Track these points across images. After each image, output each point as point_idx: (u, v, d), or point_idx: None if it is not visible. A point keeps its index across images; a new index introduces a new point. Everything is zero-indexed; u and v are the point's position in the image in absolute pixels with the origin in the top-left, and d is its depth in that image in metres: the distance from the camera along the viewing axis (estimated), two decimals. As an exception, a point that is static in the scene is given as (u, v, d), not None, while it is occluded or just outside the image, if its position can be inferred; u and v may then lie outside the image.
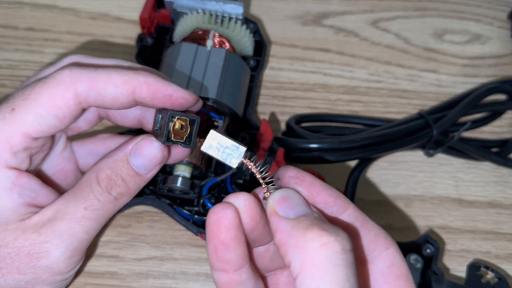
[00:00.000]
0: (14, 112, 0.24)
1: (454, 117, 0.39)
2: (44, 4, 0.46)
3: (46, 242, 0.25)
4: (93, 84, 0.25)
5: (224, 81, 0.36)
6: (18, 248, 0.25)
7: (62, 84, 0.25)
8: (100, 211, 0.27)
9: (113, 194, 0.27)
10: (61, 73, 0.25)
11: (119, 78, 0.25)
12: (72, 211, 0.26)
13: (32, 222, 0.26)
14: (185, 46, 0.37)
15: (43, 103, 0.25)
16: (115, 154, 0.27)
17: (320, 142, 0.36)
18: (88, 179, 0.27)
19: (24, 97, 0.25)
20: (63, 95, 0.25)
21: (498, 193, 0.40)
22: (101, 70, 0.26)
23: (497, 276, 0.33)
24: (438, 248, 0.34)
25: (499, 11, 0.49)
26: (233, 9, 0.40)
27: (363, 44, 0.46)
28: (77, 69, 0.25)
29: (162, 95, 0.26)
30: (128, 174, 0.27)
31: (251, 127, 0.37)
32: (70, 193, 0.27)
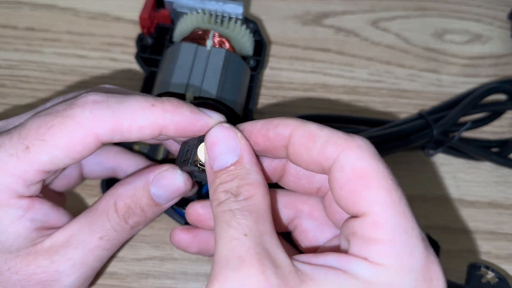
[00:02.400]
0: (28, 151, 0.23)
1: (454, 117, 0.39)
2: (44, 4, 0.46)
3: (59, 271, 0.25)
4: (117, 127, 0.24)
5: (224, 81, 0.36)
6: (30, 275, 0.25)
7: (82, 127, 0.23)
8: (115, 241, 0.26)
9: (130, 223, 0.26)
10: (81, 114, 0.23)
11: (145, 120, 0.24)
12: (86, 239, 0.25)
13: (45, 247, 0.25)
14: (184, 46, 0.37)
15: (60, 147, 0.23)
16: (135, 182, 0.26)
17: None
18: (105, 206, 0.26)
19: (39, 137, 0.23)
20: (83, 140, 0.24)
21: (499, 193, 0.40)
22: (126, 107, 0.24)
23: (497, 276, 0.33)
24: (439, 247, 0.34)
25: (499, 11, 0.49)
26: (233, 9, 0.40)
27: (363, 44, 0.46)
28: (99, 108, 0.23)
29: (191, 132, 0.25)
30: (148, 204, 0.27)
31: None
32: (85, 217, 0.26)
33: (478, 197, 0.40)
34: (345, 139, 0.22)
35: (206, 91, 0.35)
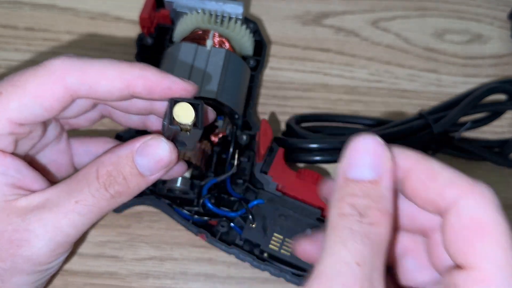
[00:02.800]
0: (1, 96, 0.24)
1: (454, 117, 0.39)
2: (44, 3, 0.46)
3: (29, 230, 0.24)
4: (85, 77, 0.25)
5: (224, 81, 0.36)
6: (0, 232, 0.24)
7: (52, 74, 0.24)
8: (93, 208, 0.25)
9: (110, 191, 0.26)
10: (52, 62, 0.25)
11: (113, 72, 0.25)
12: (62, 203, 0.25)
13: (18, 206, 0.25)
14: (184, 46, 0.37)
15: (30, 92, 0.24)
16: (120, 150, 0.26)
17: (320, 142, 0.36)
18: (87, 172, 0.26)
19: (13, 83, 0.24)
20: (52, 87, 0.24)
21: (499, 193, 0.39)
22: (94, 62, 0.25)
23: None
24: None
25: (499, 11, 0.49)
26: (233, 9, 0.40)
27: (363, 44, 0.46)
28: (70, 59, 0.25)
29: (160, 89, 0.25)
30: (131, 173, 0.26)
31: (251, 127, 0.37)
32: (64, 183, 0.26)
33: (478, 197, 0.40)
34: (469, 184, 0.20)
35: (206, 91, 0.35)
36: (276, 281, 0.35)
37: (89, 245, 0.36)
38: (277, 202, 0.33)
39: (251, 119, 0.38)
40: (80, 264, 0.35)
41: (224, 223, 0.33)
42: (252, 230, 0.33)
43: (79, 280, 0.34)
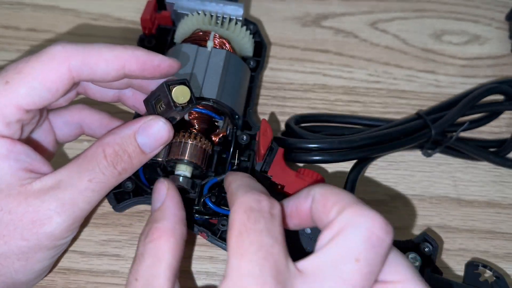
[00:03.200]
0: (7, 85, 0.25)
1: (452, 117, 0.39)
2: (45, 4, 0.46)
3: (50, 209, 0.26)
4: (86, 59, 0.27)
5: (224, 81, 0.36)
6: (22, 214, 0.26)
7: (56, 58, 0.26)
8: (104, 184, 0.28)
9: (118, 169, 0.28)
10: (54, 48, 0.26)
11: (110, 53, 0.27)
12: (76, 182, 0.27)
13: (34, 188, 0.26)
14: (185, 47, 0.37)
15: (37, 77, 0.26)
16: (122, 131, 0.29)
17: (319, 142, 0.36)
18: (94, 153, 0.28)
19: (18, 71, 0.26)
20: (57, 69, 0.26)
21: (497, 193, 0.41)
22: (92, 45, 0.27)
23: (495, 275, 0.33)
24: (437, 246, 0.34)
25: (497, 12, 0.49)
26: (233, 10, 0.40)
27: (362, 45, 0.46)
28: (70, 44, 0.27)
29: (151, 66, 0.28)
30: (134, 151, 0.29)
31: (251, 127, 0.38)
32: (73, 164, 0.28)
33: (476, 196, 0.40)
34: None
35: (207, 92, 0.35)
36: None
37: (91, 244, 0.36)
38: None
39: (251, 119, 0.38)
40: (82, 262, 0.35)
41: (225, 221, 0.34)
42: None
43: (82, 278, 0.35)
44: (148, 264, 0.26)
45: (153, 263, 0.26)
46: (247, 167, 0.35)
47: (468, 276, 0.34)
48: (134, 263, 0.27)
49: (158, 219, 0.28)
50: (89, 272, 0.35)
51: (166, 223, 0.27)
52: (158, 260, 0.26)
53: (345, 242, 0.22)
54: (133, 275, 0.26)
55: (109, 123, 0.33)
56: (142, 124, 0.29)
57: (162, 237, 0.26)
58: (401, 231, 0.38)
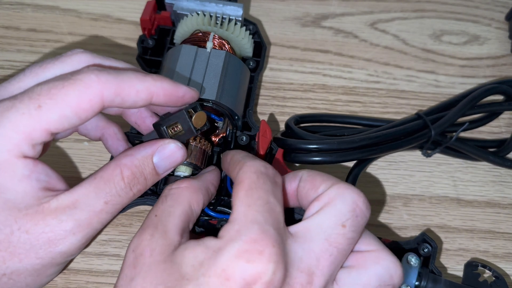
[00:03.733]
0: (40, 109, 0.26)
1: (452, 117, 0.39)
2: (46, 5, 0.46)
3: (66, 230, 0.27)
4: (119, 91, 0.27)
5: (224, 82, 0.36)
6: (39, 234, 0.26)
7: (90, 88, 0.26)
8: (118, 206, 0.28)
9: (134, 190, 0.29)
10: (88, 76, 0.27)
11: (140, 85, 0.28)
12: (92, 203, 0.27)
13: (52, 207, 0.27)
14: (185, 48, 0.37)
15: (70, 105, 0.26)
16: (140, 153, 0.29)
17: (319, 143, 0.36)
18: (111, 174, 0.28)
19: (51, 96, 0.26)
20: (90, 99, 0.26)
21: (496, 192, 0.41)
22: (124, 75, 0.28)
23: (495, 275, 0.33)
24: (436, 247, 0.34)
25: (497, 12, 0.49)
26: (232, 11, 0.40)
27: (362, 45, 0.46)
28: (103, 74, 0.27)
29: (176, 97, 0.30)
30: (150, 173, 0.29)
31: (250, 128, 0.38)
32: (90, 184, 0.28)
33: (475, 196, 0.40)
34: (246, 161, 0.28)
35: (206, 93, 0.35)
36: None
37: (91, 243, 0.36)
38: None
39: (250, 120, 0.38)
40: (82, 262, 0.35)
41: (224, 222, 0.34)
42: None
43: (82, 278, 0.35)
44: (169, 204, 0.28)
45: (172, 205, 0.28)
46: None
47: (467, 276, 0.34)
48: (157, 202, 0.29)
49: (191, 177, 0.31)
50: (89, 272, 0.35)
51: (197, 182, 0.30)
52: (178, 203, 0.28)
53: (333, 210, 0.26)
54: (153, 211, 0.28)
55: (105, 125, 0.33)
56: (161, 147, 0.30)
57: (188, 189, 0.29)
58: (401, 231, 0.38)
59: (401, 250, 0.34)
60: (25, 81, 0.28)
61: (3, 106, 0.26)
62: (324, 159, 0.36)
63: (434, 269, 0.33)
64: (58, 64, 0.28)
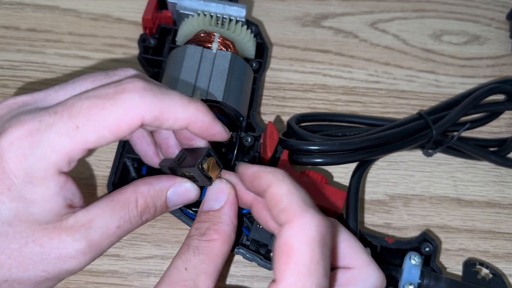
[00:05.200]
0: (78, 130, 0.25)
1: (454, 117, 0.39)
2: (46, 5, 0.46)
3: (78, 250, 0.26)
4: (159, 115, 0.26)
5: (230, 84, 0.36)
6: (51, 249, 0.26)
7: (132, 111, 0.25)
8: (127, 231, 0.28)
9: (143, 219, 0.29)
10: (132, 97, 0.25)
11: (182, 114, 0.27)
12: (106, 226, 0.27)
13: (68, 225, 0.26)
14: (190, 48, 0.37)
15: (108, 127, 0.25)
16: (157, 184, 0.29)
17: (320, 144, 0.36)
18: (128, 199, 0.28)
19: (90, 117, 0.25)
20: (130, 123, 0.26)
21: (497, 192, 0.41)
22: (168, 99, 0.26)
23: (492, 272, 0.34)
24: (437, 246, 0.34)
25: (497, 12, 0.49)
26: (235, 12, 0.40)
27: (362, 45, 0.46)
28: (147, 96, 0.26)
29: (208, 134, 0.29)
30: (161, 205, 0.29)
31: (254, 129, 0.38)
32: (106, 205, 0.28)
33: (475, 196, 0.40)
34: (299, 213, 0.24)
35: (213, 94, 0.35)
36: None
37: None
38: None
39: (254, 121, 0.38)
40: (82, 262, 0.35)
41: None
42: (260, 230, 0.33)
43: (81, 278, 0.35)
44: (201, 260, 0.27)
45: (205, 260, 0.27)
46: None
47: (466, 274, 0.35)
48: (186, 253, 0.28)
49: (216, 222, 0.29)
50: (89, 272, 0.35)
51: (225, 228, 0.29)
52: (211, 259, 0.27)
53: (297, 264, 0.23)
54: (184, 263, 0.27)
55: None
56: (177, 184, 0.30)
57: (219, 241, 0.28)
58: (401, 231, 0.38)
59: (403, 249, 0.34)
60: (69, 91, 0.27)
61: (43, 123, 0.25)
62: (326, 160, 0.36)
63: (435, 267, 0.34)
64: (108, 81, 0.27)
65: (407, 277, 0.32)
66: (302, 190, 0.25)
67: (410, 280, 0.32)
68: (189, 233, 0.29)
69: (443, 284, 0.33)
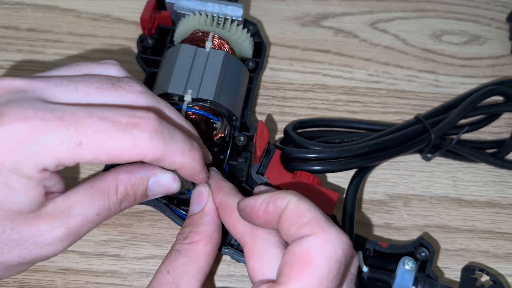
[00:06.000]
0: (80, 147, 0.25)
1: (452, 121, 0.39)
2: (46, 5, 0.46)
3: (56, 237, 0.26)
4: (160, 158, 0.27)
5: (222, 82, 0.36)
6: (29, 236, 0.26)
7: (137, 149, 0.26)
8: (105, 218, 0.28)
9: (122, 206, 0.29)
10: (142, 137, 0.25)
11: (179, 160, 0.27)
12: (85, 213, 0.27)
13: (47, 212, 0.26)
14: (184, 47, 0.37)
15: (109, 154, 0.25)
16: (138, 172, 0.29)
17: (318, 152, 0.35)
18: (108, 186, 0.28)
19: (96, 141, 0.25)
20: (131, 157, 0.26)
21: (497, 193, 0.41)
22: (172, 145, 0.27)
23: (492, 279, 0.33)
24: (433, 251, 0.33)
25: (497, 12, 0.49)
26: (233, 11, 0.40)
27: (362, 45, 0.46)
28: (157, 139, 0.26)
29: (191, 178, 0.30)
30: (141, 194, 0.29)
31: (248, 128, 0.38)
32: (86, 192, 0.27)
33: (475, 196, 0.40)
34: (325, 226, 0.24)
35: (204, 93, 0.35)
36: (276, 280, 0.35)
37: (91, 244, 0.36)
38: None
39: (249, 121, 0.38)
40: (82, 263, 0.35)
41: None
42: None
43: (81, 278, 0.35)
44: (183, 262, 0.28)
45: (187, 262, 0.29)
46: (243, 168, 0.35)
47: (464, 281, 0.33)
48: (168, 257, 0.29)
49: (198, 223, 0.30)
50: (89, 272, 0.35)
51: (206, 228, 0.30)
52: (193, 261, 0.29)
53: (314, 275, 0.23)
54: (166, 266, 0.29)
55: None
56: (159, 173, 0.29)
57: (201, 242, 0.29)
58: (401, 231, 0.38)
59: (398, 254, 0.34)
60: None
61: (46, 123, 0.24)
62: (324, 168, 0.35)
63: (431, 274, 0.33)
64: (115, 95, 0.27)
65: (399, 283, 0.31)
66: (321, 210, 0.25)
67: (402, 286, 0.31)
68: (176, 239, 0.30)
69: None
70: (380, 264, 0.34)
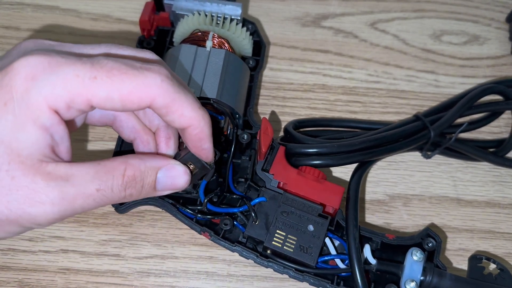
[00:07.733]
0: (94, 80, 0.25)
1: (450, 118, 0.39)
2: (46, 5, 0.46)
3: (48, 196, 0.25)
4: (169, 105, 0.27)
5: (224, 81, 0.36)
6: (21, 185, 0.25)
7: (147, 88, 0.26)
8: (106, 199, 0.27)
9: (126, 192, 0.28)
10: (153, 77, 0.26)
11: (188, 112, 0.28)
12: (85, 185, 0.26)
13: (46, 170, 0.26)
14: (184, 47, 0.37)
15: (120, 92, 0.26)
16: (149, 161, 0.28)
17: (318, 147, 0.36)
18: (115, 167, 0.27)
19: (110, 75, 0.26)
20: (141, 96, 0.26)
21: (496, 192, 0.41)
22: (183, 94, 0.27)
23: (499, 267, 0.33)
24: (440, 241, 0.34)
25: (497, 12, 0.49)
26: (231, 10, 0.41)
27: (362, 45, 0.47)
28: (168, 81, 0.27)
29: (199, 145, 0.29)
30: (149, 184, 0.28)
31: (251, 126, 0.38)
32: (91, 166, 0.27)
33: (475, 196, 0.40)
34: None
35: (207, 91, 0.35)
36: (275, 279, 0.36)
37: (91, 243, 0.36)
38: (279, 199, 0.34)
39: (251, 118, 0.38)
40: (82, 262, 0.35)
41: (227, 221, 0.34)
42: (255, 227, 0.33)
43: (81, 278, 0.35)
44: None
45: None
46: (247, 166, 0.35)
47: (471, 270, 0.33)
48: None
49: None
50: (89, 272, 0.35)
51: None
52: None
53: None
54: None
55: (141, 130, 0.32)
56: (170, 165, 0.29)
57: None
58: (401, 231, 0.38)
59: (405, 245, 0.34)
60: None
61: (66, 59, 0.25)
62: (325, 162, 0.36)
63: (439, 264, 0.33)
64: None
65: (408, 273, 0.32)
66: None
67: (411, 277, 0.31)
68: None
69: (447, 281, 0.32)
70: (388, 256, 0.34)
